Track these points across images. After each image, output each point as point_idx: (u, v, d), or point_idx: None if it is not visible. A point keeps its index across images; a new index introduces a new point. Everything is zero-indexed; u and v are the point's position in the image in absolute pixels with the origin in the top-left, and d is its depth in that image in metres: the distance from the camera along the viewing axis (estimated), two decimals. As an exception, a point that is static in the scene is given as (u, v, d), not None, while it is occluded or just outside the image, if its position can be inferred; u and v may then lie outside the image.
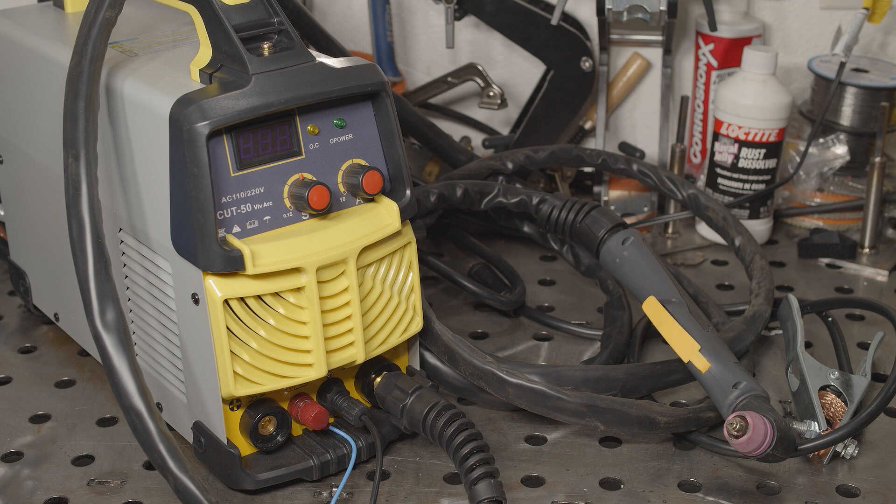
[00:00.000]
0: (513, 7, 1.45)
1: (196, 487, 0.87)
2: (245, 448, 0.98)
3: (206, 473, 1.00)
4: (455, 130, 1.57)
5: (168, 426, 0.92)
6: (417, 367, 1.06)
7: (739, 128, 1.36)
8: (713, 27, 1.42)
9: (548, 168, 1.43)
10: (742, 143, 1.37)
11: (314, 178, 0.95)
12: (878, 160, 1.35)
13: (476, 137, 1.56)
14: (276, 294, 0.93)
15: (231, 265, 0.90)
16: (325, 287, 0.95)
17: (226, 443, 0.96)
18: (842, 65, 1.36)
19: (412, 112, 1.38)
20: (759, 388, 0.99)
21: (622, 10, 1.38)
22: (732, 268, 1.36)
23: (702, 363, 1.02)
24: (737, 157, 1.38)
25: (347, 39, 1.56)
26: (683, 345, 1.03)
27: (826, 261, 1.38)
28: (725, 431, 0.95)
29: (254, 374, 0.93)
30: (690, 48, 1.53)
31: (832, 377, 1.06)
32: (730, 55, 1.46)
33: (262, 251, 0.91)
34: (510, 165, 1.32)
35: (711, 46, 1.47)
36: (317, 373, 0.95)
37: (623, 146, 1.54)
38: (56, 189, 1.06)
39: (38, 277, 1.19)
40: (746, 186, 1.39)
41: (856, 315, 1.26)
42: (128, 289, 1.04)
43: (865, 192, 1.38)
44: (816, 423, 1.02)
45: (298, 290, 0.94)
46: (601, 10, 1.39)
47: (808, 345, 1.20)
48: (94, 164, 0.91)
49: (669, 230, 1.44)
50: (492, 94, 1.46)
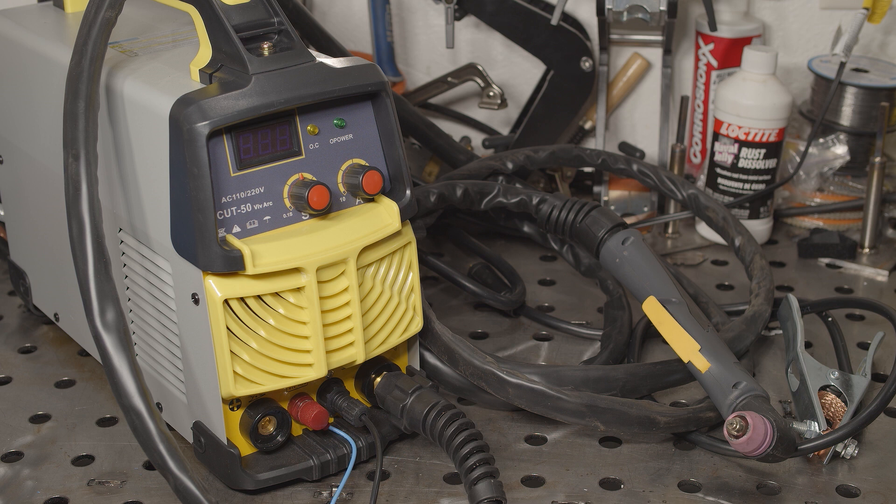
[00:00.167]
0: (513, 7, 1.45)
1: (196, 487, 0.87)
2: (245, 448, 0.98)
3: (206, 473, 1.00)
4: (455, 130, 1.57)
5: (168, 426, 0.92)
6: (417, 367, 1.06)
7: (739, 128, 1.36)
8: (713, 27, 1.42)
9: (548, 168, 1.43)
10: (742, 143, 1.37)
11: (314, 178, 0.95)
12: (878, 160, 1.35)
13: (476, 137, 1.56)
14: (276, 294, 0.93)
15: (231, 265, 0.90)
16: (325, 287, 0.95)
17: (226, 443, 0.96)
18: (842, 65, 1.36)
19: (412, 112, 1.38)
20: (759, 388, 0.99)
21: (622, 10, 1.38)
22: (732, 268, 1.36)
23: (702, 363, 1.02)
24: (737, 157, 1.38)
25: (347, 39, 1.56)
26: (683, 345, 1.03)
27: (826, 261, 1.38)
28: (725, 431, 0.95)
29: (254, 374, 0.93)
30: (690, 48, 1.53)
31: (832, 377, 1.06)
32: (730, 55, 1.46)
33: (262, 251, 0.91)
34: (510, 165, 1.32)
35: (711, 46, 1.47)
36: (317, 373, 0.95)
37: (623, 146, 1.54)
38: (56, 189, 1.06)
39: (38, 277, 1.19)
40: (746, 186, 1.39)
41: (856, 315, 1.26)
42: (128, 289, 1.04)
43: (865, 192, 1.38)
44: (816, 423, 1.02)
45: (298, 290, 0.94)
46: (601, 10, 1.39)
47: (808, 345, 1.20)
48: (94, 164, 0.91)
49: (669, 230, 1.44)
50: (492, 94, 1.46)
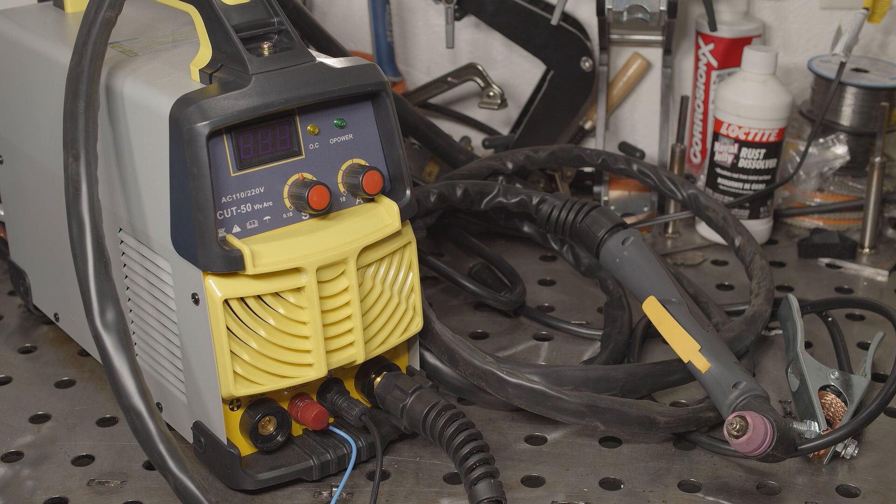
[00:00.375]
0: (513, 7, 1.45)
1: (196, 487, 0.87)
2: (245, 448, 0.98)
3: (206, 473, 1.00)
4: (455, 130, 1.57)
5: (168, 426, 0.92)
6: (417, 367, 1.06)
7: (739, 128, 1.36)
8: (713, 27, 1.42)
9: (548, 168, 1.43)
10: (742, 143, 1.37)
11: (314, 178, 0.95)
12: (878, 160, 1.35)
13: (476, 137, 1.56)
14: (276, 294, 0.93)
15: (231, 265, 0.90)
16: (325, 287, 0.95)
17: (226, 443, 0.96)
18: (842, 65, 1.36)
19: (412, 112, 1.38)
20: (759, 388, 0.99)
21: (622, 10, 1.38)
22: (732, 268, 1.36)
23: (702, 363, 1.02)
24: (737, 157, 1.38)
25: (347, 39, 1.56)
26: (683, 345, 1.03)
27: (826, 261, 1.38)
28: (725, 431, 0.95)
29: (254, 374, 0.93)
30: (690, 48, 1.53)
31: (832, 377, 1.06)
32: (730, 55, 1.46)
33: (262, 251, 0.91)
34: (510, 165, 1.32)
35: (711, 46, 1.47)
36: (317, 373, 0.95)
37: (623, 146, 1.54)
38: (56, 189, 1.06)
39: (38, 277, 1.19)
40: (746, 186, 1.39)
41: (856, 315, 1.26)
42: (128, 289, 1.04)
43: (865, 192, 1.38)
44: (816, 423, 1.02)
45: (298, 290, 0.94)
46: (601, 10, 1.39)
47: (808, 345, 1.20)
48: (94, 164, 0.91)
49: (669, 230, 1.44)
50: (492, 94, 1.46)
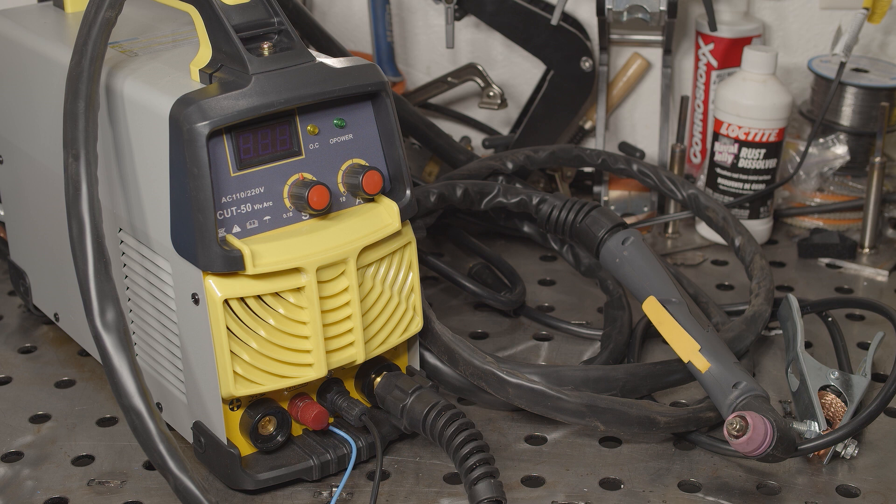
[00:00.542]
0: (513, 7, 1.45)
1: (196, 487, 0.87)
2: (245, 448, 0.98)
3: (206, 473, 1.00)
4: (455, 130, 1.57)
5: (168, 426, 0.92)
6: (417, 367, 1.06)
7: (739, 128, 1.36)
8: (713, 27, 1.42)
9: (548, 168, 1.43)
10: (742, 143, 1.37)
11: (314, 178, 0.95)
12: (878, 160, 1.35)
13: (476, 137, 1.56)
14: (276, 294, 0.93)
15: (231, 265, 0.90)
16: (325, 287, 0.95)
17: (226, 443, 0.96)
18: (842, 65, 1.36)
19: (412, 112, 1.38)
20: (759, 388, 0.99)
21: (622, 10, 1.38)
22: (732, 268, 1.36)
23: (702, 363, 1.02)
24: (737, 157, 1.38)
25: (347, 39, 1.56)
26: (683, 345, 1.03)
27: (826, 261, 1.38)
28: (725, 431, 0.95)
29: (254, 374, 0.93)
30: (690, 48, 1.53)
31: (832, 377, 1.06)
32: (730, 55, 1.46)
33: (262, 251, 0.91)
34: (510, 165, 1.32)
35: (711, 46, 1.47)
36: (317, 373, 0.95)
37: (623, 146, 1.54)
38: (56, 189, 1.06)
39: (38, 277, 1.19)
40: (746, 186, 1.39)
41: (856, 315, 1.26)
42: (128, 289, 1.04)
43: (865, 192, 1.38)
44: (816, 423, 1.02)
45: (298, 290, 0.94)
46: (601, 10, 1.39)
47: (808, 345, 1.20)
48: (94, 164, 0.91)
49: (669, 230, 1.44)
50: (492, 94, 1.46)
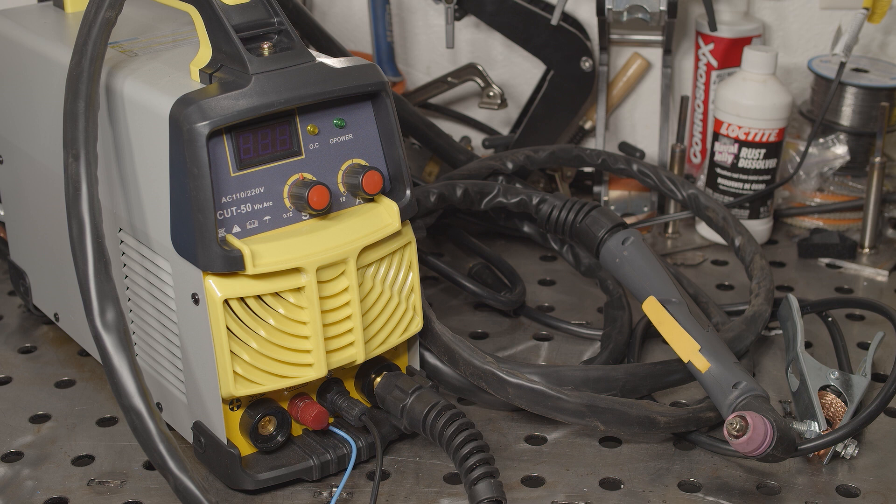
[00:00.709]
0: (513, 7, 1.45)
1: (196, 487, 0.87)
2: (245, 448, 0.98)
3: (206, 473, 1.00)
4: (455, 130, 1.57)
5: (168, 426, 0.92)
6: (417, 367, 1.06)
7: (739, 128, 1.36)
8: (713, 27, 1.42)
9: (548, 168, 1.43)
10: (742, 143, 1.37)
11: (314, 178, 0.95)
12: (878, 160, 1.35)
13: (476, 137, 1.56)
14: (276, 294, 0.93)
15: (231, 265, 0.90)
16: (325, 287, 0.95)
17: (226, 443, 0.96)
18: (842, 65, 1.36)
19: (412, 112, 1.38)
20: (759, 388, 0.99)
21: (622, 10, 1.38)
22: (732, 268, 1.36)
23: (702, 363, 1.02)
24: (737, 157, 1.38)
25: (347, 39, 1.56)
26: (683, 345, 1.03)
27: (826, 261, 1.38)
28: (725, 431, 0.95)
29: (254, 374, 0.93)
30: (690, 48, 1.53)
31: (832, 377, 1.06)
32: (730, 55, 1.46)
33: (262, 251, 0.91)
34: (510, 165, 1.32)
35: (711, 46, 1.47)
36: (317, 373, 0.95)
37: (623, 146, 1.54)
38: (56, 189, 1.06)
39: (38, 277, 1.19)
40: (746, 186, 1.39)
41: (856, 315, 1.26)
42: (128, 289, 1.04)
43: (865, 192, 1.38)
44: (816, 423, 1.02)
45: (298, 290, 0.94)
46: (601, 10, 1.39)
47: (808, 345, 1.20)
48: (94, 164, 0.91)
49: (669, 230, 1.44)
50: (492, 94, 1.46)
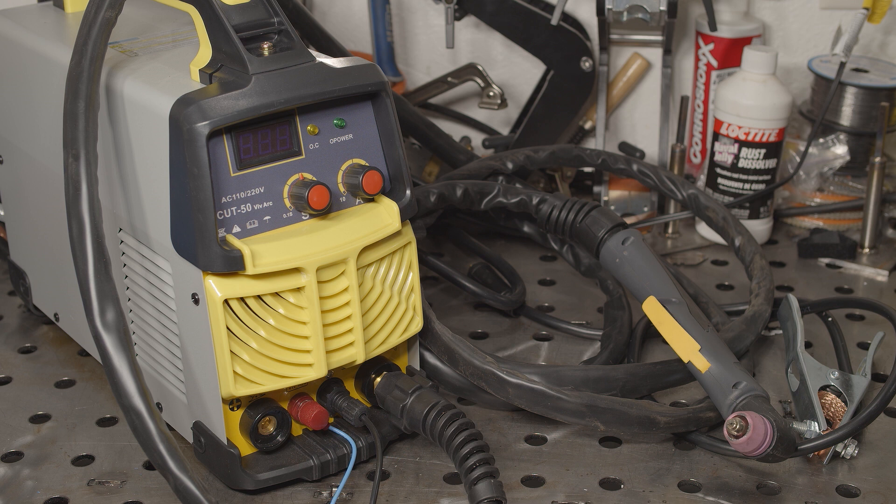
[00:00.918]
0: (513, 7, 1.45)
1: (196, 487, 0.87)
2: (245, 448, 0.98)
3: (206, 473, 1.00)
4: (455, 130, 1.57)
5: (168, 426, 0.92)
6: (417, 367, 1.06)
7: (739, 128, 1.36)
8: (713, 27, 1.42)
9: (548, 168, 1.43)
10: (742, 143, 1.37)
11: (314, 178, 0.95)
12: (878, 160, 1.35)
13: (476, 137, 1.56)
14: (276, 294, 0.93)
15: (231, 265, 0.90)
16: (325, 287, 0.95)
17: (226, 443, 0.96)
18: (842, 65, 1.36)
19: (412, 112, 1.38)
20: (759, 388, 0.99)
21: (622, 10, 1.38)
22: (732, 268, 1.36)
23: (702, 363, 1.02)
24: (737, 157, 1.38)
25: (347, 39, 1.56)
26: (683, 345, 1.03)
27: (826, 261, 1.38)
28: (725, 431, 0.95)
29: (254, 374, 0.93)
30: (690, 48, 1.53)
31: (832, 377, 1.06)
32: (730, 55, 1.46)
33: (262, 251, 0.91)
34: (510, 165, 1.32)
35: (711, 46, 1.47)
36: (317, 373, 0.95)
37: (623, 146, 1.54)
38: (56, 189, 1.06)
39: (38, 277, 1.19)
40: (746, 186, 1.39)
41: (856, 315, 1.26)
42: (128, 289, 1.04)
43: (865, 192, 1.38)
44: (816, 423, 1.02)
45: (298, 290, 0.94)
46: (601, 10, 1.39)
47: (808, 345, 1.20)
48: (94, 164, 0.91)
49: (669, 230, 1.44)
50: (492, 94, 1.46)
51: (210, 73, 0.93)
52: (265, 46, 0.93)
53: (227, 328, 0.92)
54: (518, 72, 1.55)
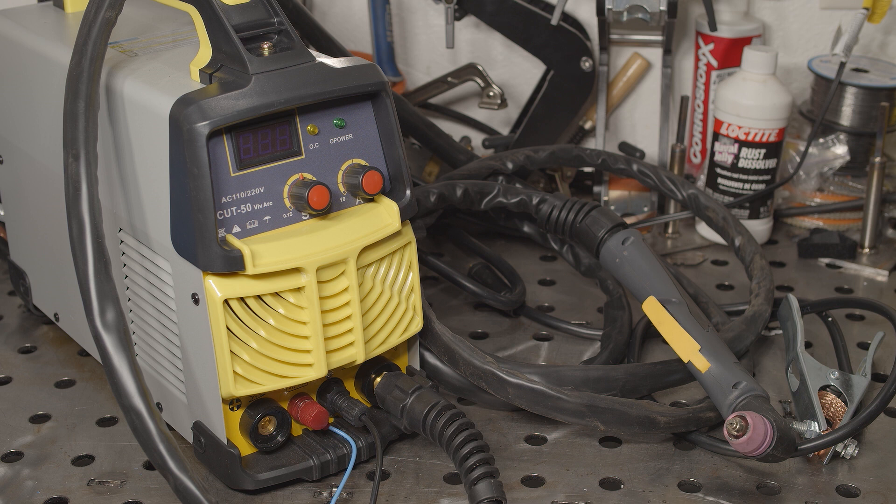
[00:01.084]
0: (513, 7, 1.45)
1: (196, 487, 0.87)
2: (245, 448, 0.98)
3: (206, 473, 1.00)
4: (455, 130, 1.57)
5: (168, 426, 0.92)
6: (417, 367, 1.06)
7: (739, 128, 1.36)
8: (713, 27, 1.42)
9: (548, 168, 1.43)
10: (742, 143, 1.37)
11: (314, 178, 0.95)
12: (878, 160, 1.35)
13: (476, 137, 1.56)
14: (276, 294, 0.93)
15: (231, 265, 0.90)
16: (325, 287, 0.95)
17: (226, 443, 0.96)
18: (842, 65, 1.36)
19: (412, 112, 1.38)
20: (759, 388, 0.99)
21: (622, 10, 1.38)
22: (732, 268, 1.36)
23: (702, 363, 1.02)
24: (737, 157, 1.38)
25: (347, 39, 1.56)
26: (683, 345, 1.03)
27: (826, 261, 1.38)
28: (725, 431, 0.95)
29: (254, 374, 0.93)
30: (690, 48, 1.53)
31: (832, 377, 1.06)
32: (730, 55, 1.46)
33: (262, 251, 0.91)
34: (510, 165, 1.32)
35: (711, 46, 1.47)
36: (317, 373, 0.95)
37: (623, 146, 1.54)
38: (56, 189, 1.06)
39: (38, 277, 1.19)
40: (746, 186, 1.39)
41: (856, 315, 1.26)
42: (128, 289, 1.04)
43: (865, 192, 1.38)
44: (816, 423, 1.02)
45: (298, 290, 0.94)
46: (601, 10, 1.39)
47: (808, 345, 1.20)
48: (94, 164, 0.91)
49: (669, 230, 1.44)
50: (492, 94, 1.46)
51: (210, 73, 0.93)
52: (265, 46, 0.93)
53: (227, 328, 0.92)
54: (518, 72, 1.55)
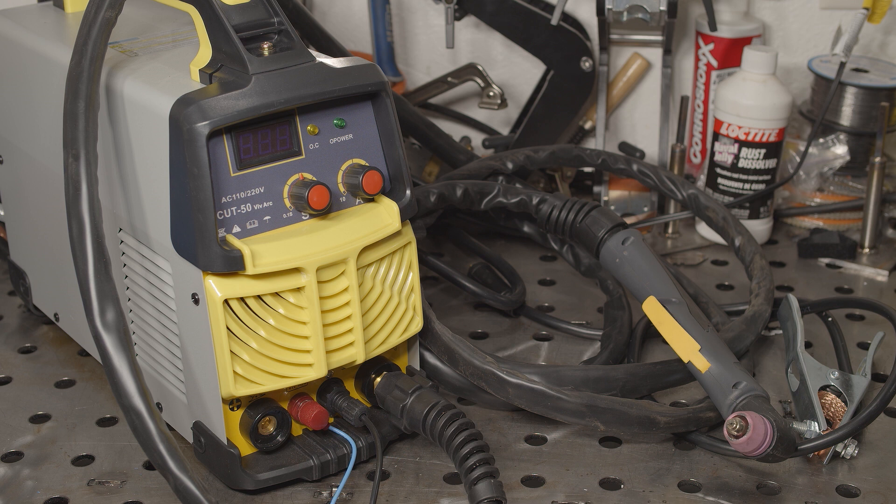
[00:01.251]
0: (513, 7, 1.45)
1: (196, 487, 0.87)
2: (245, 448, 0.98)
3: (206, 473, 1.00)
4: (455, 130, 1.57)
5: (168, 426, 0.92)
6: (417, 367, 1.06)
7: (739, 128, 1.36)
8: (713, 27, 1.42)
9: (548, 168, 1.43)
10: (742, 143, 1.37)
11: (314, 178, 0.95)
12: (878, 160, 1.35)
13: (476, 137, 1.56)
14: (276, 294, 0.93)
15: (231, 265, 0.90)
16: (325, 287, 0.95)
17: (226, 443, 0.96)
18: (842, 65, 1.36)
19: (412, 112, 1.38)
20: (759, 388, 0.99)
21: (622, 10, 1.38)
22: (732, 268, 1.36)
23: (702, 363, 1.02)
24: (737, 157, 1.38)
25: (347, 39, 1.56)
26: (683, 345, 1.03)
27: (826, 261, 1.38)
28: (725, 431, 0.95)
29: (254, 374, 0.93)
30: (690, 48, 1.53)
31: (832, 377, 1.06)
32: (730, 55, 1.46)
33: (262, 251, 0.91)
34: (510, 165, 1.32)
35: (711, 46, 1.47)
36: (317, 373, 0.95)
37: (623, 146, 1.54)
38: (56, 189, 1.06)
39: (38, 277, 1.19)
40: (746, 186, 1.39)
41: (856, 315, 1.26)
42: (128, 289, 1.04)
43: (865, 192, 1.38)
44: (816, 423, 1.02)
45: (298, 290, 0.94)
46: (601, 10, 1.39)
47: (808, 345, 1.20)
48: (94, 164, 0.91)
49: (669, 230, 1.44)
50: (492, 94, 1.46)
51: (210, 73, 0.93)
52: (265, 46, 0.93)
53: (227, 328, 0.92)
54: (518, 72, 1.55)
